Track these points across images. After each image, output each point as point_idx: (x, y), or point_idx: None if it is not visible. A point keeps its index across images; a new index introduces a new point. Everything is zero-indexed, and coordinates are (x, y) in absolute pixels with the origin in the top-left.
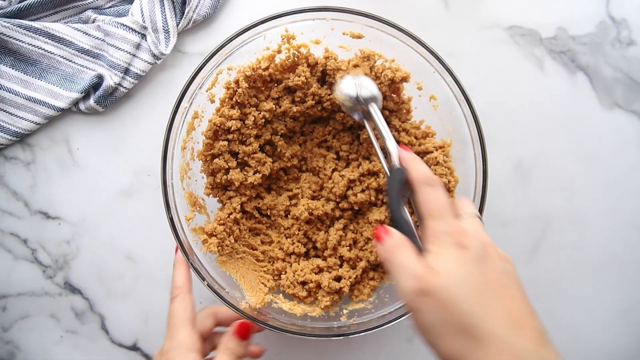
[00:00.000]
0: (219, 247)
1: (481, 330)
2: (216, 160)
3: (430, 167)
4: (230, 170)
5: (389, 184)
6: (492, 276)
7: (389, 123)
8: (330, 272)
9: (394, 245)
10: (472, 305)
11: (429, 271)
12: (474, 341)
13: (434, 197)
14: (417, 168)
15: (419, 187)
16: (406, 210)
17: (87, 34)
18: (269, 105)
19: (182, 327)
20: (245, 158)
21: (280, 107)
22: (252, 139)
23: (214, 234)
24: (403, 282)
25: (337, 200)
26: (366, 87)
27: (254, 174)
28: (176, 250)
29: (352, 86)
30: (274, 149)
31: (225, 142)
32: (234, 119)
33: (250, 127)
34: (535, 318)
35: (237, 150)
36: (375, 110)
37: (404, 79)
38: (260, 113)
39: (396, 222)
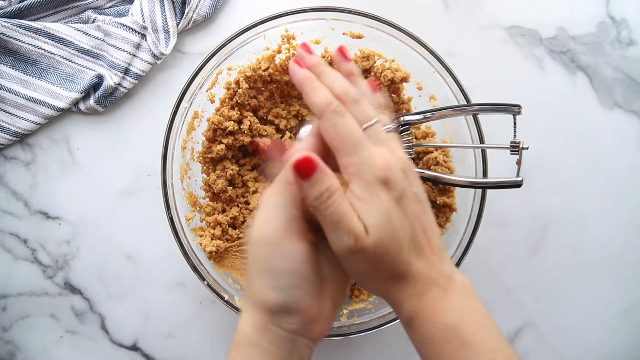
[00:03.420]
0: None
1: (405, 272)
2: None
3: (430, 167)
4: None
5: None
6: (411, 211)
7: None
8: None
9: (329, 193)
10: (398, 256)
11: (362, 229)
12: (398, 281)
13: (341, 128)
14: (316, 94)
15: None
16: None
17: (87, 34)
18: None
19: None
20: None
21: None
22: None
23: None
24: (337, 238)
25: None
26: None
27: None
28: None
29: None
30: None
31: (223, 146)
32: (233, 120)
33: (246, 132)
34: (438, 236)
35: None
36: None
37: (404, 79)
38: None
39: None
